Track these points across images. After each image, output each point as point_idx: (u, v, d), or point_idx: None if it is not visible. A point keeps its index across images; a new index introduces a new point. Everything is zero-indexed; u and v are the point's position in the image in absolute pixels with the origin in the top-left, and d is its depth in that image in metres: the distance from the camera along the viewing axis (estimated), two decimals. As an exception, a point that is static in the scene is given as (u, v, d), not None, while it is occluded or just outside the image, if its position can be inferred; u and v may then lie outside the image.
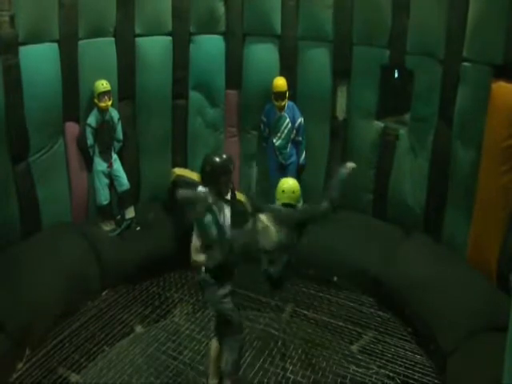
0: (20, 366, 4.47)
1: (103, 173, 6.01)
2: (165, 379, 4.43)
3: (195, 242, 3.94)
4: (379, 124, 6.25)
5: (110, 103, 5.89)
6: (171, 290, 5.65)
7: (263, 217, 3.94)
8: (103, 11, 5.97)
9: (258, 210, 4.04)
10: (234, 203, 4.18)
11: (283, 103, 6.20)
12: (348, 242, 5.84)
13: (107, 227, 6.04)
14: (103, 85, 5.81)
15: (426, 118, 5.67)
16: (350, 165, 4.27)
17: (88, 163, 6.11)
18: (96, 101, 5.85)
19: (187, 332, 5.02)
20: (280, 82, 6.17)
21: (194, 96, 6.67)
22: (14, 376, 4.37)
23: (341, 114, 6.46)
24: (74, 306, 5.19)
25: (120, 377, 4.44)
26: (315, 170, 6.54)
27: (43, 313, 4.78)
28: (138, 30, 6.21)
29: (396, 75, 6.39)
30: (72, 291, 5.13)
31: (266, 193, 6.51)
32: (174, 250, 5.87)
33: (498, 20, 4.68)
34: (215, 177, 3.82)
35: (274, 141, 6.30)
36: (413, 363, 4.61)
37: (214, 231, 3.80)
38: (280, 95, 6.17)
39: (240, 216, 4.19)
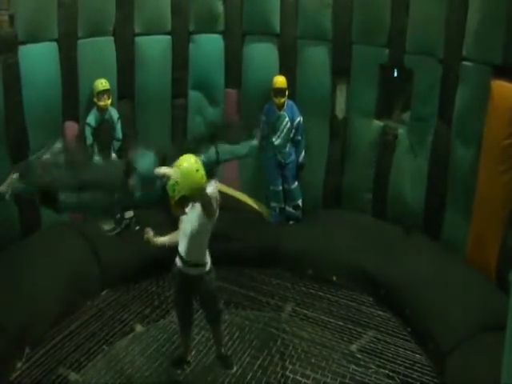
0: (20, 365, 4.46)
1: (103, 172, 6.00)
2: (164, 379, 4.43)
3: None
4: (379, 123, 6.25)
5: (108, 102, 5.89)
6: (171, 290, 5.64)
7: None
8: (103, 10, 5.96)
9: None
10: None
11: (283, 100, 6.19)
12: (347, 241, 5.84)
13: (106, 226, 6.03)
14: (102, 84, 5.81)
15: (425, 117, 5.67)
16: None
17: (87, 162, 6.11)
18: (95, 100, 5.85)
19: (187, 331, 5.02)
20: (280, 79, 6.18)
21: (194, 95, 6.67)
22: (14, 375, 4.36)
23: (340, 113, 6.46)
24: (73, 305, 5.18)
25: (120, 376, 4.44)
26: (314, 169, 6.54)
27: (43, 312, 4.78)
28: (137, 29, 6.22)
29: (395, 74, 6.38)
30: (72, 290, 5.13)
31: (263, 192, 6.57)
32: (173, 249, 5.86)
33: (497, 19, 4.69)
34: None
35: (274, 140, 6.29)
36: (412, 362, 4.62)
37: None
38: (280, 92, 6.16)
39: None
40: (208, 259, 4.05)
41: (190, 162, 3.39)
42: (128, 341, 4.90)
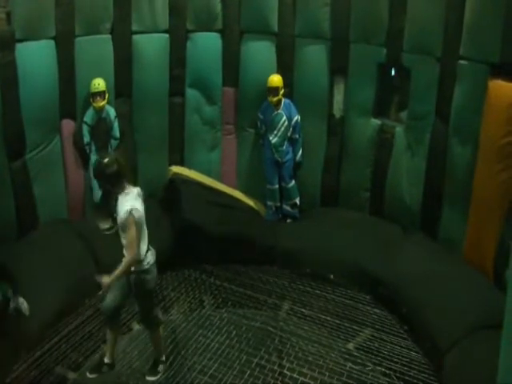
0: (17, 366, 4.44)
1: (100, 170, 5.98)
2: (162, 377, 4.42)
3: None
4: (376, 122, 6.25)
5: (101, 104, 5.85)
6: (168, 289, 5.65)
7: None
8: (100, 8, 5.95)
9: None
10: None
11: (275, 99, 6.19)
12: (345, 239, 5.85)
13: (104, 225, 6.02)
14: (95, 85, 5.79)
15: (422, 115, 5.68)
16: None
17: (84, 160, 6.11)
18: (91, 99, 5.84)
19: (184, 331, 5.02)
20: (273, 78, 6.19)
21: (191, 93, 6.66)
22: (12, 376, 4.35)
23: (338, 111, 6.47)
24: (71, 304, 5.16)
25: (118, 375, 4.43)
26: (312, 167, 6.55)
27: (40, 312, 4.76)
28: (134, 28, 6.20)
29: (393, 73, 6.39)
30: (69, 290, 5.11)
31: (261, 190, 6.58)
32: (170, 248, 5.87)
33: (494, 18, 4.71)
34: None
35: (271, 138, 6.30)
36: (409, 360, 4.63)
37: None
38: (272, 91, 6.17)
39: None
40: (148, 258, 4.06)
41: None
42: (126, 340, 4.89)
